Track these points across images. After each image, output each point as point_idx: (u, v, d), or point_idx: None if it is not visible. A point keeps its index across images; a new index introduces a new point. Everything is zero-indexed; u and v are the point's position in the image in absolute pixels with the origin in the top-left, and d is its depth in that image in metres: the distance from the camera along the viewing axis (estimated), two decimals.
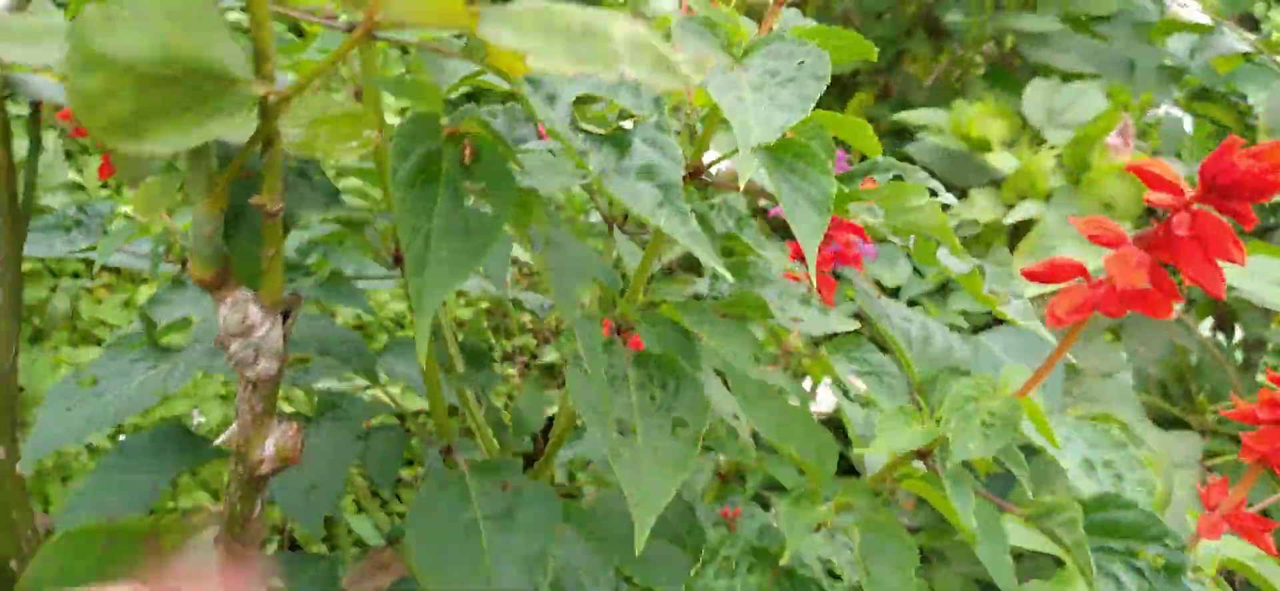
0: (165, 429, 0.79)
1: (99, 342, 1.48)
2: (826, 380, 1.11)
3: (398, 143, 0.41)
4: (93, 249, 0.83)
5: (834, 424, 1.36)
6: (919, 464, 0.56)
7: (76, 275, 1.53)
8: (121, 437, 1.06)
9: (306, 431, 0.81)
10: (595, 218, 1.92)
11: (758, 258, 0.83)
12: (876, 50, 0.58)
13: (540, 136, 0.65)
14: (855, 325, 0.82)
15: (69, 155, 1.65)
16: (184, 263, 0.35)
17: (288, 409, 0.84)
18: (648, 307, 0.70)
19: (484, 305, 2.22)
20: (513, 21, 0.25)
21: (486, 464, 0.60)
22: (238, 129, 0.32)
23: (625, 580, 1.13)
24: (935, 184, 0.61)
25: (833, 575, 0.63)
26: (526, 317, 2.29)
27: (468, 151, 0.44)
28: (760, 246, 1.05)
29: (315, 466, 0.77)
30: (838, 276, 1.04)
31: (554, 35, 0.25)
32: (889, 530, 0.54)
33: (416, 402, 1.66)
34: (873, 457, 0.67)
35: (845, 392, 0.78)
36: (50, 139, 1.57)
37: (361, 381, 1.52)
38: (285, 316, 0.40)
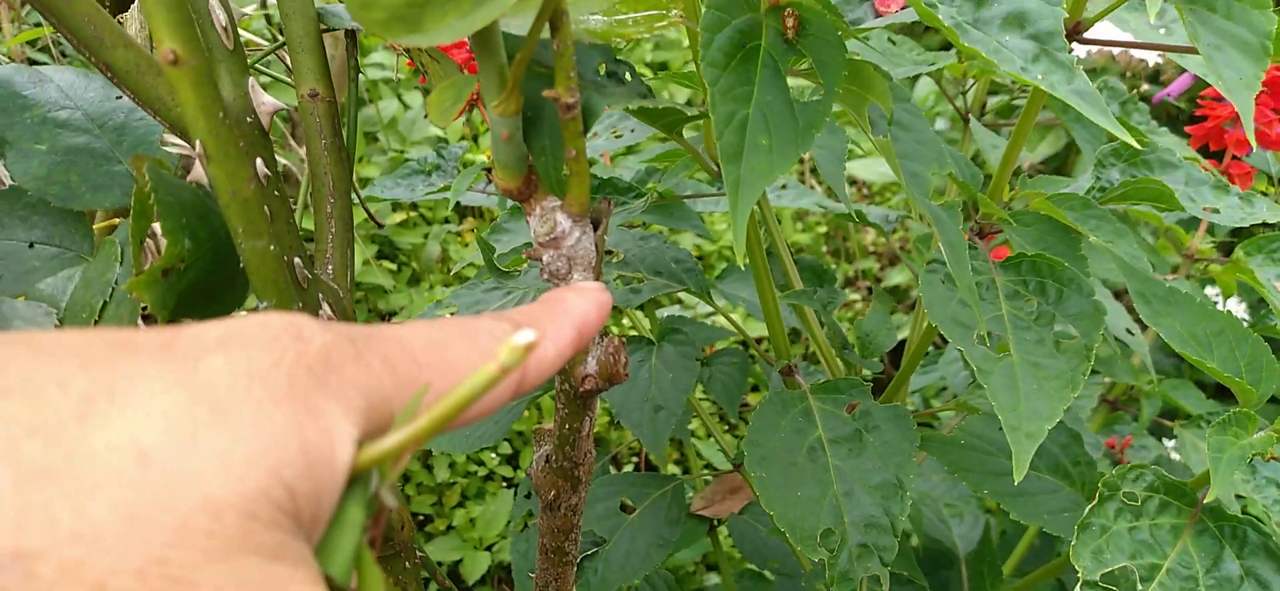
0: None
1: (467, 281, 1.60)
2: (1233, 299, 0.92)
3: (708, 16, 0.36)
4: (447, 188, 0.87)
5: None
6: None
7: (446, 221, 1.67)
8: None
9: (650, 354, 0.80)
10: (943, 126, 1.77)
11: (1150, 143, 0.69)
12: None
13: (877, 15, 0.57)
14: None
15: None
16: (488, 172, 0.33)
17: (632, 333, 0.84)
18: (1017, 203, 0.60)
19: (822, 229, 2.14)
20: None
21: (830, 384, 0.54)
22: (521, 10, 0.28)
23: (991, 511, 1.03)
24: None
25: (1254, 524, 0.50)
26: (871, 240, 2.18)
27: (790, 24, 0.38)
28: (1153, 133, 0.88)
29: (660, 388, 0.75)
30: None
31: None
32: None
33: (759, 329, 1.64)
34: None
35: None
36: (416, 98, 1.72)
37: (703, 308, 1.52)
38: (596, 225, 0.36)
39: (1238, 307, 1.19)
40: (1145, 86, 1.55)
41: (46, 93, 0.42)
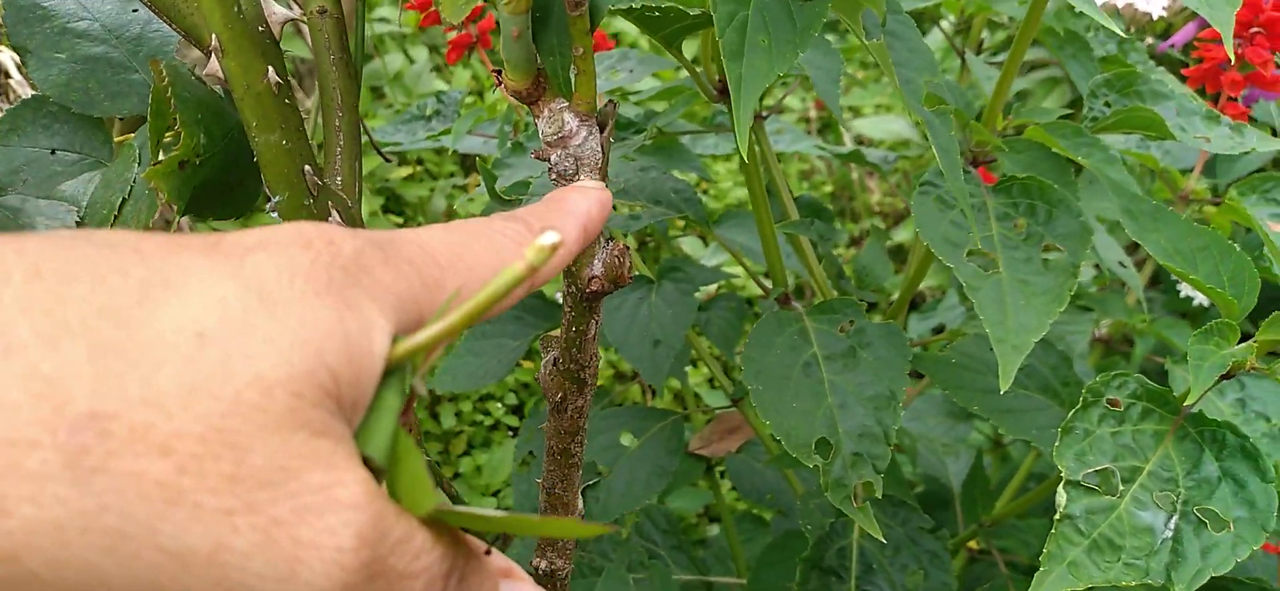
0: (525, 298, 0.83)
1: None
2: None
3: None
4: (447, 132, 0.88)
5: None
6: None
7: (451, 175, 1.68)
8: None
9: (650, 291, 0.82)
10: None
11: (1147, 73, 0.70)
12: None
13: None
14: (1278, 145, 0.67)
15: (437, 69, 1.80)
16: (497, 74, 0.34)
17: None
18: (1008, 135, 0.61)
19: (827, 188, 2.16)
20: None
21: (825, 305, 0.55)
22: None
23: (988, 455, 1.04)
24: None
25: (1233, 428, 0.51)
26: (876, 200, 2.19)
27: None
28: (1150, 73, 0.89)
29: (660, 324, 0.77)
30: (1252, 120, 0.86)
31: None
32: None
33: (756, 270, 1.65)
34: None
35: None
36: (421, 53, 1.73)
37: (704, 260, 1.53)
38: (602, 128, 0.38)
39: None
40: (1150, 41, 1.55)
41: (65, 4, 0.43)
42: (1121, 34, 0.35)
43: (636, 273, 0.88)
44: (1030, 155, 0.57)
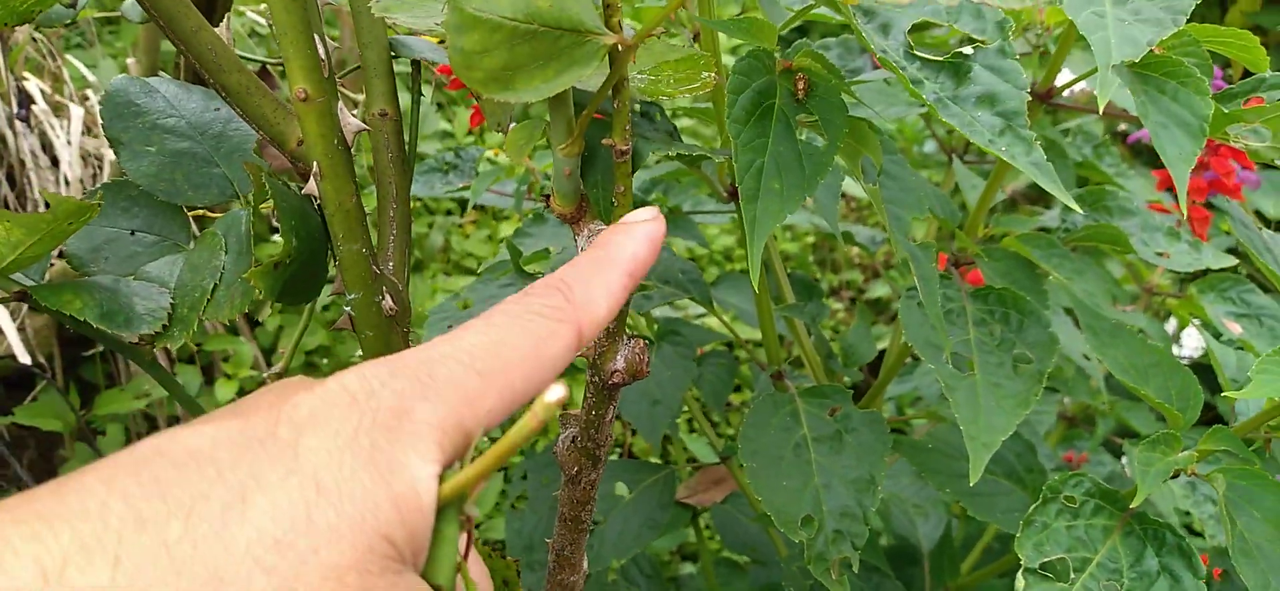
0: None
1: (467, 272, 1.67)
2: (1193, 323, 1.00)
3: (733, 80, 0.43)
4: (466, 189, 0.94)
5: (1199, 370, 1.23)
6: None
7: (449, 213, 1.74)
8: None
9: (649, 352, 0.87)
10: (931, 147, 1.84)
11: (1116, 188, 0.77)
12: None
13: (875, 67, 0.64)
14: (1231, 261, 0.74)
15: (439, 107, 1.86)
16: (546, 198, 0.39)
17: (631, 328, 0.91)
18: (988, 241, 0.67)
19: (810, 239, 2.22)
20: None
21: (816, 389, 0.61)
22: (591, 76, 0.35)
23: (956, 516, 1.10)
24: None
25: (1192, 532, 0.57)
26: (855, 252, 2.26)
27: (800, 85, 0.45)
28: (1121, 176, 0.96)
29: (659, 385, 0.83)
30: (1213, 207, 0.92)
31: None
32: (1261, 480, 0.49)
33: (747, 332, 1.71)
34: (1245, 406, 0.60)
35: (1216, 335, 0.70)
36: (426, 93, 1.78)
37: (695, 309, 1.59)
38: None
39: (1197, 336, 1.27)
40: (1122, 126, 1.63)
41: (155, 102, 0.48)
42: (1077, 210, 0.41)
43: (637, 334, 0.93)
44: (1006, 263, 0.63)
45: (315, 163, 0.37)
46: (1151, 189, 1.11)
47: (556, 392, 0.24)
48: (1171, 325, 1.16)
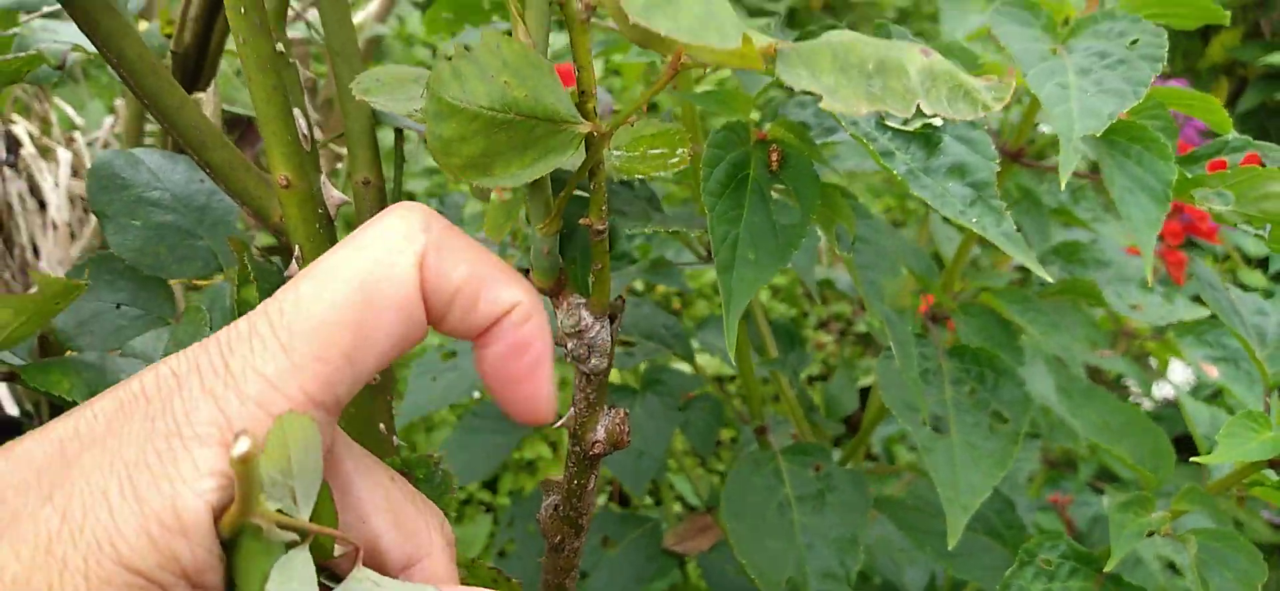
0: None
1: None
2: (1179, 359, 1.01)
3: (708, 153, 0.44)
4: None
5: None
6: (1272, 472, 0.50)
7: None
8: (475, 393, 1.19)
9: (634, 402, 0.88)
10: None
11: (1093, 233, 0.78)
12: (1228, 14, 0.52)
13: None
14: (1205, 312, 0.75)
15: (424, 140, 1.87)
16: (526, 272, 0.40)
17: (617, 380, 0.91)
18: (966, 295, 0.68)
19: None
20: (808, 63, 0.26)
21: (799, 447, 0.61)
22: (568, 161, 0.36)
23: (941, 565, 1.10)
24: None
25: (1174, 569, 0.58)
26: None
27: (774, 156, 0.46)
28: (1098, 221, 0.97)
29: (643, 435, 0.83)
30: (1192, 244, 0.94)
31: (849, 73, 0.26)
32: (1232, 541, 0.49)
33: (732, 371, 1.72)
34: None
35: (1191, 391, 0.71)
36: (412, 135, 1.80)
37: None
38: (612, 319, 0.44)
39: (1184, 372, 1.28)
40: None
41: (140, 175, 0.49)
42: (1047, 277, 0.42)
43: (621, 384, 0.94)
44: (982, 320, 0.63)
45: (297, 246, 0.38)
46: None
47: (242, 445, 0.21)
48: (1154, 361, 1.17)
